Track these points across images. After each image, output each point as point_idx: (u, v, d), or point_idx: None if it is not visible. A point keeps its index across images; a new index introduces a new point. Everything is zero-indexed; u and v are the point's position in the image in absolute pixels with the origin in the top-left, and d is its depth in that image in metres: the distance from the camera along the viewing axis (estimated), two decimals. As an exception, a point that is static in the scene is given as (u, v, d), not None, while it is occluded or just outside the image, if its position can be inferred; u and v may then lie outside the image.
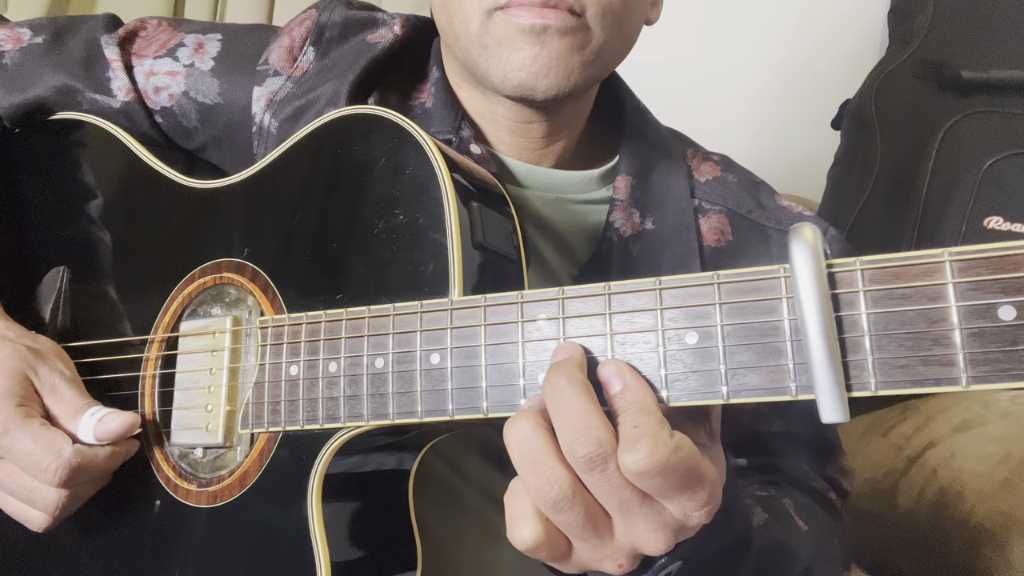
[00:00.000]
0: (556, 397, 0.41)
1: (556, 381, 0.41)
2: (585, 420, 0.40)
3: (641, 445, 0.38)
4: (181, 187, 0.66)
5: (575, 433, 0.40)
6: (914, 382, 0.36)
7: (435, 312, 0.49)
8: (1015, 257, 0.35)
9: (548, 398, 0.41)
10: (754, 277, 0.40)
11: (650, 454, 0.38)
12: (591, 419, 0.40)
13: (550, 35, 0.61)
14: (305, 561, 0.51)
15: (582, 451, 0.40)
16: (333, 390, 0.52)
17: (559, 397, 0.41)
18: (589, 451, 0.39)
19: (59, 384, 0.59)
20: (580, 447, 0.40)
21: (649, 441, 0.38)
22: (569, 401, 0.40)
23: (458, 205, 0.52)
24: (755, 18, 1.65)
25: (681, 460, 0.39)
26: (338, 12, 0.75)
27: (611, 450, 0.40)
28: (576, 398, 0.40)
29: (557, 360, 0.43)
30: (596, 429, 0.40)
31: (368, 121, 0.57)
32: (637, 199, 0.72)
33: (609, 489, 0.40)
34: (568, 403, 0.40)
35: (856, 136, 1.36)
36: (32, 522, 0.58)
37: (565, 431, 0.40)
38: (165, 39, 0.76)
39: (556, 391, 0.41)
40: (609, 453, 0.40)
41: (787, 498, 0.67)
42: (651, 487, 0.39)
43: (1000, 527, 0.78)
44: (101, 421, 0.58)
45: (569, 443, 0.40)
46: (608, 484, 0.40)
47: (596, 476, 0.40)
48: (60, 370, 0.60)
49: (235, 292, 0.61)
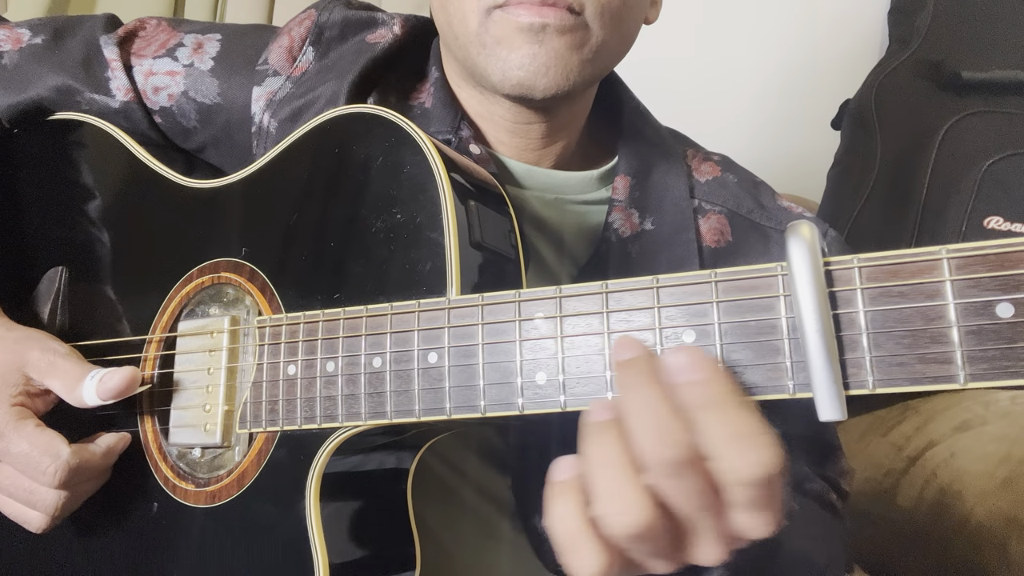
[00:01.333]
0: (637, 397, 0.39)
1: (636, 379, 0.39)
2: (672, 420, 0.38)
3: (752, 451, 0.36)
4: (179, 187, 0.66)
5: (663, 432, 0.37)
6: (912, 380, 0.36)
7: (433, 311, 0.49)
8: (1013, 254, 0.35)
9: (630, 392, 0.39)
10: (751, 275, 0.40)
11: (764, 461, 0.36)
12: (678, 420, 0.38)
13: (549, 34, 0.61)
14: (303, 561, 0.51)
15: (668, 453, 0.37)
16: (331, 389, 0.52)
17: (641, 397, 0.39)
18: (677, 455, 0.37)
19: (55, 360, 0.59)
20: (667, 448, 0.37)
21: (765, 446, 0.36)
22: (654, 400, 0.38)
23: (456, 204, 0.52)
24: (755, 18, 1.65)
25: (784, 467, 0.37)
26: (338, 12, 0.75)
27: (702, 453, 0.37)
28: (662, 398, 0.38)
29: (627, 357, 0.41)
30: (683, 432, 0.37)
31: (366, 120, 0.57)
32: (636, 200, 0.72)
33: (688, 494, 0.38)
34: (653, 403, 0.38)
35: (856, 136, 1.35)
36: (31, 523, 0.58)
37: (650, 430, 0.38)
38: (164, 39, 0.76)
39: (637, 390, 0.39)
40: (697, 456, 0.37)
41: (793, 502, 0.67)
42: (746, 498, 0.37)
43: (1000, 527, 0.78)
44: (102, 381, 0.57)
45: (653, 446, 0.38)
46: (688, 489, 0.38)
47: (680, 481, 0.38)
48: (53, 348, 0.60)
49: (233, 292, 0.61)
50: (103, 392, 0.57)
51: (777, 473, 0.36)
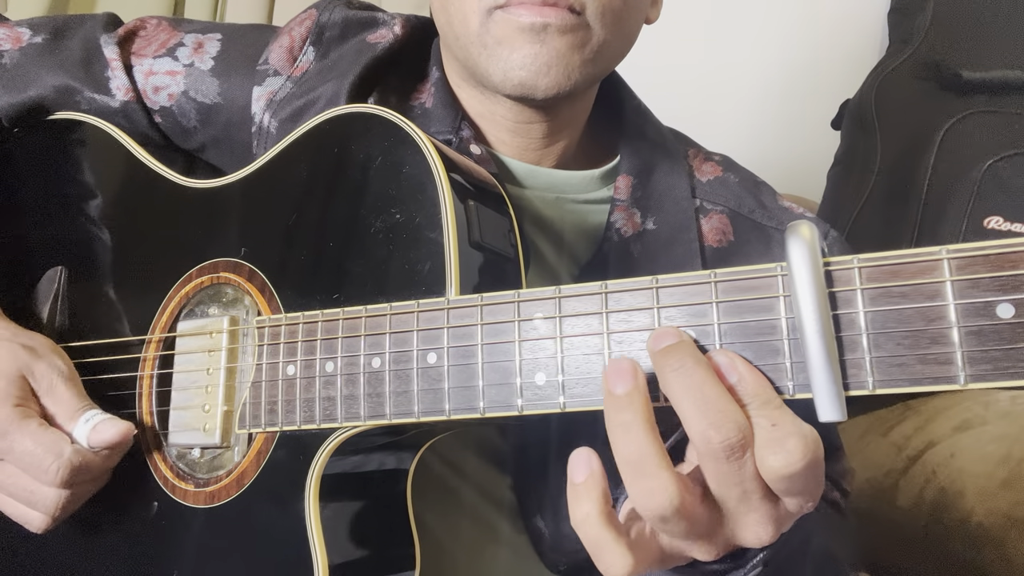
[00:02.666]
0: (686, 380, 0.38)
1: (684, 361, 0.39)
2: (725, 404, 0.37)
3: (791, 446, 0.36)
4: (178, 187, 0.66)
5: (714, 417, 0.37)
6: (912, 381, 0.36)
7: (432, 311, 0.49)
8: (1013, 255, 0.35)
9: (676, 379, 0.39)
10: (751, 275, 0.40)
11: (803, 456, 0.36)
12: (730, 404, 0.38)
13: (550, 33, 0.61)
14: (303, 561, 0.51)
15: (720, 437, 0.37)
16: (330, 390, 0.52)
17: (690, 379, 0.38)
18: (729, 437, 0.37)
19: (56, 383, 0.59)
20: (718, 433, 0.37)
21: (799, 441, 0.36)
22: (703, 382, 0.38)
23: (455, 204, 0.52)
24: (756, 18, 1.64)
25: (820, 457, 0.37)
26: (338, 12, 0.75)
27: (750, 439, 0.37)
28: (711, 379, 0.38)
29: (668, 344, 0.40)
30: (735, 414, 0.37)
31: (365, 120, 0.57)
32: (638, 199, 0.72)
33: (737, 479, 0.38)
34: (704, 385, 0.38)
35: (856, 136, 1.35)
36: (31, 523, 0.58)
37: (700, 415, 0.38)
38: (164, 39, 0.76)
39: (686, 373, 0.38)
40: (748, 441, 0.37)
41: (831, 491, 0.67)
42: (787, 486, 0.38)
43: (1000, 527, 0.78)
44: (95, 429, 0.57)
45: (704, 429, 0.37)
46: (738, 474, 0.38)
47: (729, 465, 0.38)
48: (58, 367, 0.60)
49: (232, 292, 0.61)
50: (94, 440, 0.57)
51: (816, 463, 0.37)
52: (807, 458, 0.37)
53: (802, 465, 0.36)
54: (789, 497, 0.39)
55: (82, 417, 0.58)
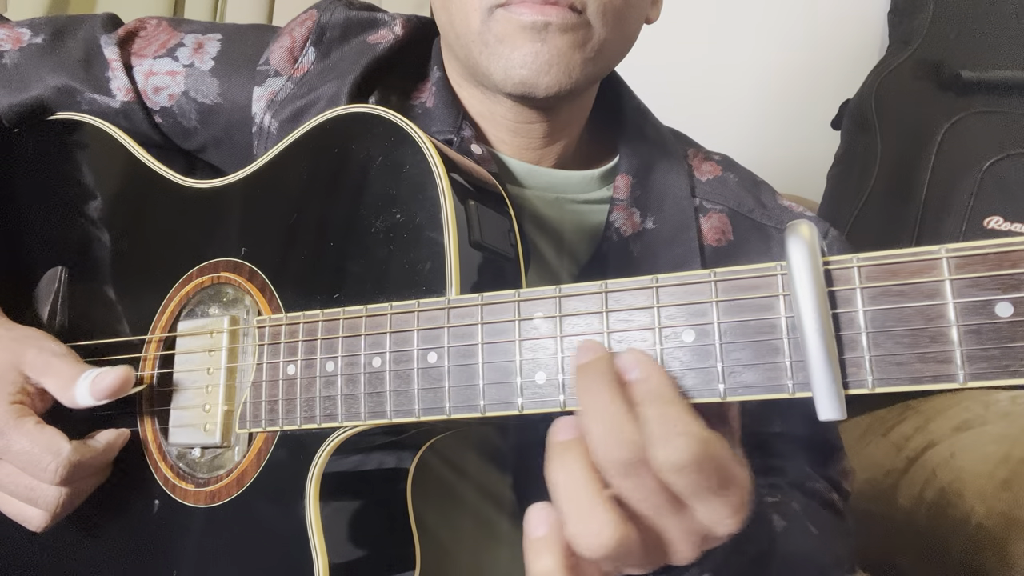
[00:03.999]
0: (592, 400, 0.40)
1: (592, 381, 0.41)
2: (622, 423, 0.39)
3: (679, 442, 0.37)
4: (179, 187, 0.66)
5: (614, 437, 0.39)
6: (911, 379, 0.36)
7: (432, 311, 0.49)
8: (1012, 254, 0.35)
9: (583, 399, 0.41)
10: (751, 275, 0.40)
11: (689, 451, 0.37)
12: (628, 424, 0.39)
13: (551, 32, 0.61)
14: (303, 561, 0.51)
15: (617, 455, 0.39)
16: (330, 389, 0.52)
17: (596, 399, 0.40)
18: (622, 456, 0.39)
19: (50, 360, 0.59)
20: (616, 450, 0.39)
21: (686, 439, 0.37)
22: (608, 402, 0.40)
23: (455, 204, 0.52)
24: (755, 18, 1.65)
25: (716, 455, 0.38)
26: (339, 13, 0.75)
27: (646, 451, 0.39)
28: (615, 400, 0.40)
29: (586, 361, 0.42)
30: (632, 434, 0.39)
31: (365, 120, 0.57)
32: (637, 198, 0.72)
33: (644, 494, 0.40)
34: (606, 405, 0.40)
35: (856, 136, 1.36)
36: (31, 522, 0.58)
37: (599, 435, 0.40)
38: (165, 39, 0.76)
39: (593, 393, 0.40)
40: (645, 457, 0.39)
41: (794, 502, 0.67)
42: (686, 485, 0.39)
43: (1000, 527, 0.78)
44: (94, 382, 0.57)
45: (605, 448, 0.39)
46: (644, 488, 0.39)
47: (632, 481, 0.39)
48: (50, 348, 0.60)
49: (232, 292, 0.61)
50: (96, 392, 0.57)
51: (707, 459, 0.38)
52: (694, 453, 0.37)
53: (688, 458, 0.37)
54: (697, 502, 0.39)
55: (81, 376, 0.58)
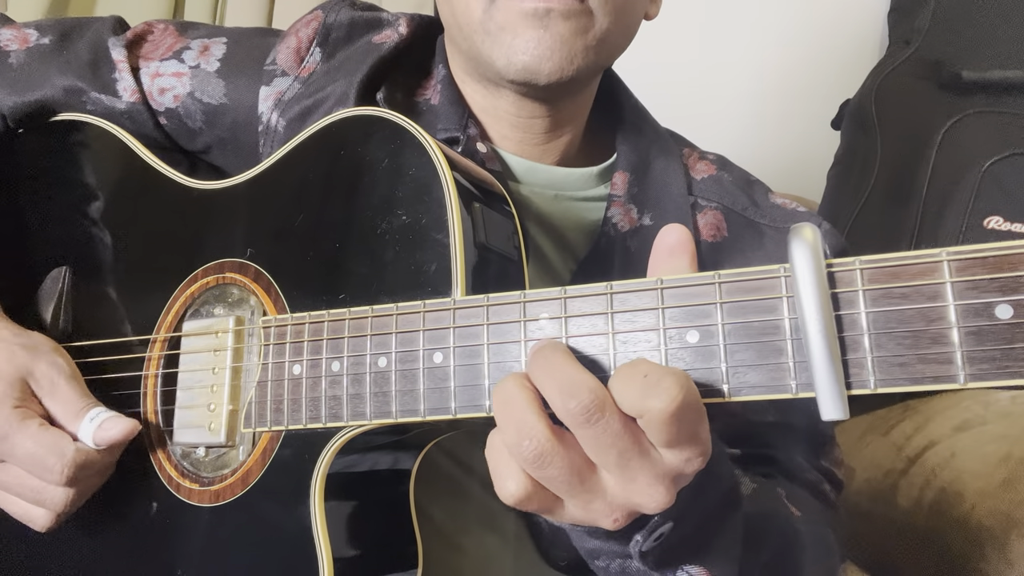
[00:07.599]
0: (543, 362, 0.41)
1: (542, 349, 0.42)
2: (574, 374, 0.40)
3: (667, 384, 0.38)
4: (184, 187, 0.67)
5: (566, 387, 0.40)
6: (913, 380, 0.37)
7: (438, 311, 0.49)
8: (1012, 257, 0.35)
9: (535, 365, 0.42)
10: (755, 276, 0.41)
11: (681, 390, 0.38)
12: (580, 373, 0.40)
13: (553, 18, 0.62)
14: (307, 560, 0.52)
15: (574, 402, 0.39)
16: (336, 389, 0.52)
17: (546, 361, 0.41)
18: (583, 400, 0.39)
19: (58, 382, 0.59)
20: (572, 399, 0.39)
21: (673, 379, 0.38)
22: (557, 361, 0.41)
23: (460, 206, 0.52)
24: (754, 18, 1.65)
25: (696, 397, 0.39)
26: (344, 13, 0.76)
27: (606, 399, 0.39)
28: (564, 358, 0.41)
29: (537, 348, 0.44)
30: (587, 380, 0.40)
31: (371, 122, 0.57)
32: (635, 195, 0.73)
33: (608, 440, 0.40)
34: (556, 363, 0.41)
35: (856, 136, 1.36)
36: (37, 522, 0.59)
37: (555, 389, 0.40)
38: (171, 43, 0.76)
39: (543, 356, 0.42)
40: (604, 401, 0.39)
41: (779, 487, 0.67)
42: (667, 434, 0.39)
43: (1000, 527, 0.79)
44: (101, 427, 0.57)
45: (562, 400, 0.40)
46: (606, 435, 0.39)
47: (593, 428, 0.39)
48: (59, 366, 0.60)
49: (238, 292, 0.61)
50: (100, 439, 0.57)
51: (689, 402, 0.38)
52: (685, 392, 0.38)
53: (682, 399, 0.38)
54: (669, 449, 0.40)
55: (87, 415, 0.58)
